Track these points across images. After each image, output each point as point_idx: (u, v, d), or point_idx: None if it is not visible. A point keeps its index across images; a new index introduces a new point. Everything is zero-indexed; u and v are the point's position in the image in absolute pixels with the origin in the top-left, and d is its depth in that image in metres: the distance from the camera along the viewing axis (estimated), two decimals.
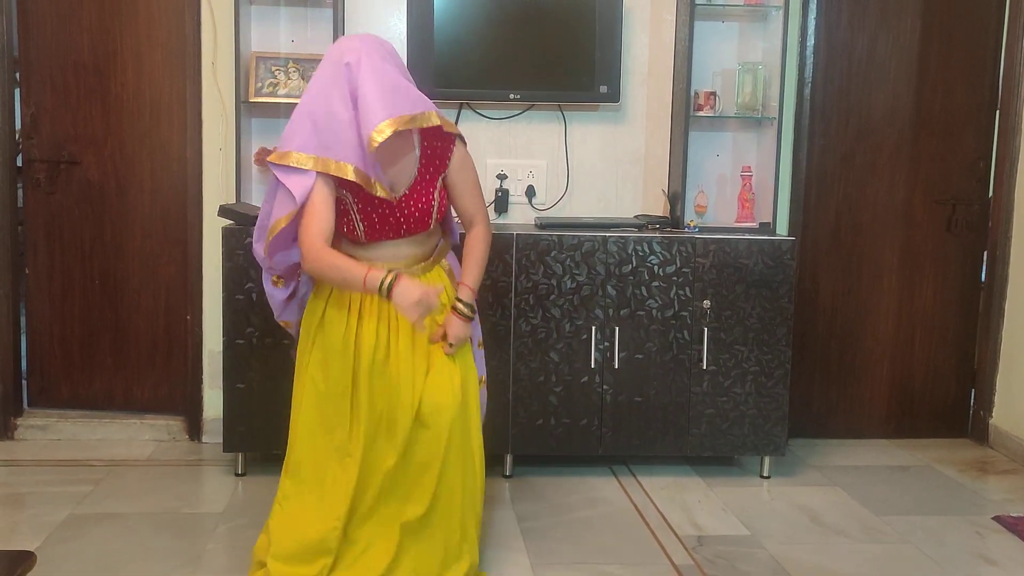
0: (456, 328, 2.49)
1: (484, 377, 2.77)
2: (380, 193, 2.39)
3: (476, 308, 2.57)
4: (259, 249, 2.55)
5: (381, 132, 2.28)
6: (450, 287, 2.57)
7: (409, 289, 2.29)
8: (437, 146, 2.50)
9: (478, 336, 2.74)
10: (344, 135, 2.35)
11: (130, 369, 3.87)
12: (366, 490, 2.46)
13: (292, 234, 2.47)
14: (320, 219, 2.38)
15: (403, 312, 2.30)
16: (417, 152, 2.48)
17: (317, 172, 2.36)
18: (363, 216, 2.44)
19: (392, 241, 2.49)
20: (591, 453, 3.47)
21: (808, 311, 3.96)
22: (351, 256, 2.47)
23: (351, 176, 2.34)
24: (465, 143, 2.57)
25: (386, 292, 2.29)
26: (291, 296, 2.67)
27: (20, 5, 3.71)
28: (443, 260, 2.63)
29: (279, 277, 2.62)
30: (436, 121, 2.40)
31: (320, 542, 2.46)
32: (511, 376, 3.38)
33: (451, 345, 2.48)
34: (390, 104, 2.32)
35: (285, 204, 2.40)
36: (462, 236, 2.69)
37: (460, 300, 2.52)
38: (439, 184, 2.50)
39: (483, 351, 2.80)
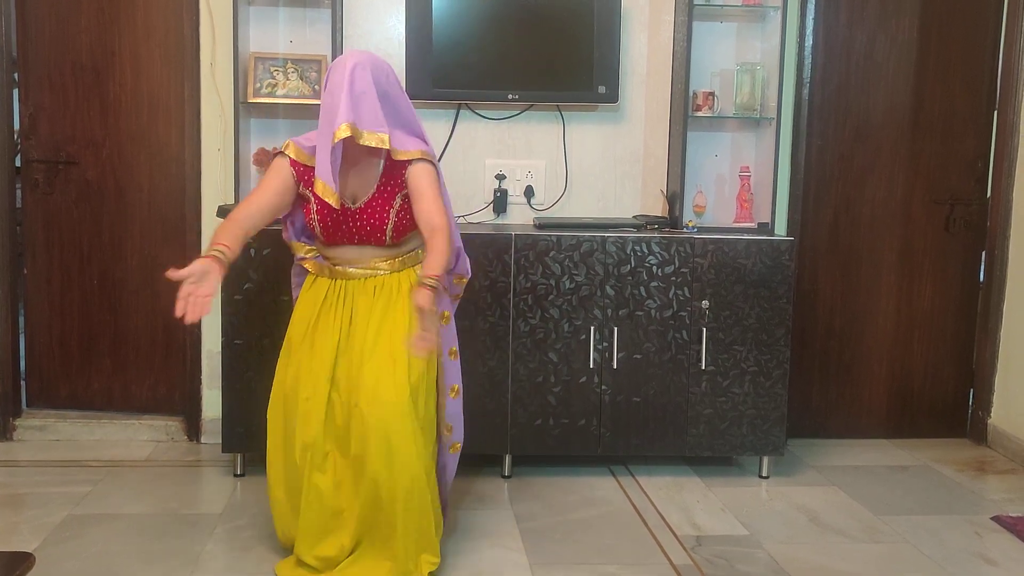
0: (418, 297, 2.42)
1: (458, 387, 2.79)
2: (330, 200, 2.50)
3: (440, 284, 2.49)
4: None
5: (341, 131, 2.44)
6: (400, 295, 2.66)
7: (192, 267, 2.42)
8: (398, 163, 2.61)
9: (449, 345, 2.76)
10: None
11: (129, 369, 3.87)
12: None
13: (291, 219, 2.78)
14: (252, 197, 2.62)
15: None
16: (380, 169, 2.61)
17: (290, 159, 2.62)
18: (320, 218, 2.61)
19: (352, 246, 2.65)
20: (590, 453, 3.47)
21: (807, 311, 3.96)
22: (324, 255, 2.72)
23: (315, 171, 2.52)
24: (434, 164, 2.63)
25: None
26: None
27: (19, 6, 3.71)
28: (414, 268, 2.70)
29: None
30: (385, 145, 2.51)
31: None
32: (510, 376, 3.37)
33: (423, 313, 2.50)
34: (354, 111, 2.46)
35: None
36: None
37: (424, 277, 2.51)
38: (397, 202, 2.61)
39: (457, 361, 2.79)
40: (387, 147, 2.52)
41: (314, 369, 2.62)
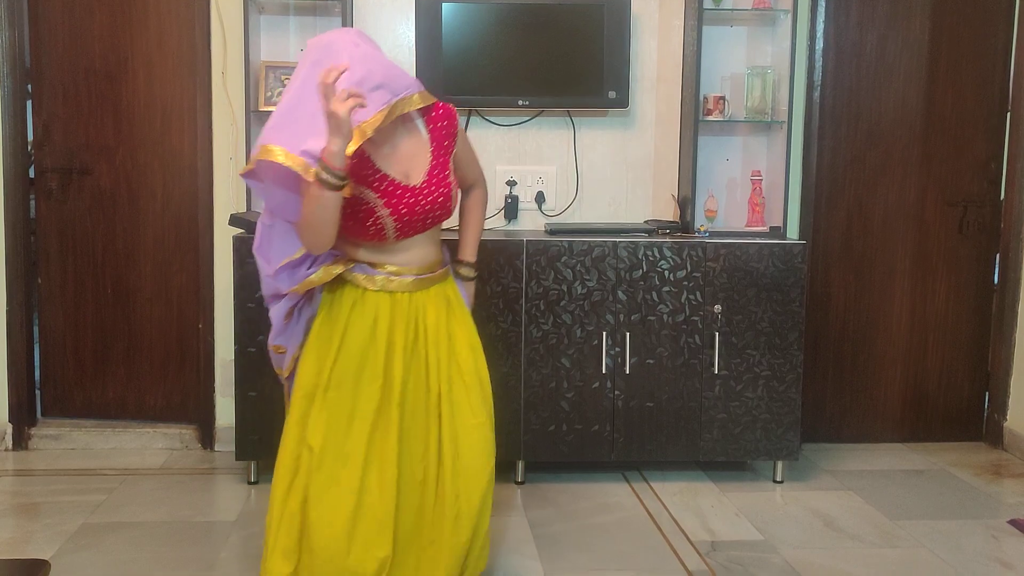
0: (469, 296, 2.53)
1: None
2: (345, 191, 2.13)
3: (476, 269, 2.56)
4: (265, 265, 2.37)
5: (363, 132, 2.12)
6: (450, 305, 2.41)
7: (332, 138, 2.01)
8: (442, 125, 2.33)
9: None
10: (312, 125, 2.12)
11: (143, 378, 3.89)
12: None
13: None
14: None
15: (334, 131, 2.01)
16: (426, 136, 2.32)
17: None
18: (392, 211, 2.23)
19: (417, 238, 2.32)
20: (603, 459, 3.46)
21: (820, 315, 3.94)
22: (375, 263, 2.32)
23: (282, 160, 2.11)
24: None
25: (324, 169, 2.03)
26: (289, 314, 2.43)
27: (32, 16, 3.74)
28: (449, 274, 2.46)
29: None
30: (416, 104, 2.22)
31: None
32: (522, 382, 3.37)
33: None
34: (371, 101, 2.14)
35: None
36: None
37: (462, 267, 2.52)
38: (451, 165, 2.34)
39: None
40: (425, 103, 2.24)
41: (380, 423, 2.28)
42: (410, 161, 2.29)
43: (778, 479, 3.55)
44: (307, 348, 2.37)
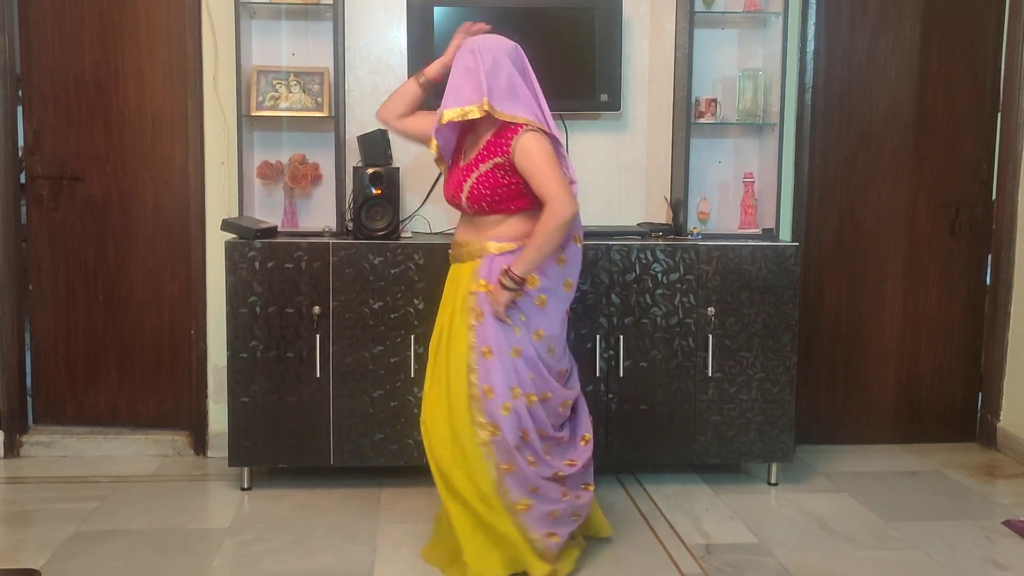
0: (495, 294, 2.66)
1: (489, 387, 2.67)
2: (431, 150, 2.80)
3: (518, 282, 2.62)
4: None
5: (441, 118, 2.69)
6: (465, 288, 2.72)
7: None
8: (500, 139, 2.68)
9: (483, 345, 2.66)
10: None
11: (135, 385, 3.87)
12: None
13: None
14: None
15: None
16: (487, 138, 2.72)
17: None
18: (444, 183, 2.85)
19: (464, 216, 2.82)
20: (597, 461, 3.43)
21: (813, 317, 3.94)
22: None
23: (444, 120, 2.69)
24: (541, 132, 2.66)
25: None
26: None
27: (22, 22, 3.73)
28: (479, 260, 2.71)
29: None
30: (454, 117, 2.67)
31: None
32: None
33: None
34: (456, 96, 2.67)
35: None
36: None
37: (503, 273, 2.67)
38: (485, 167, 2.67)
39: (493, 360, 2.66)
40: (459, 118, 2.66)
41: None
42: (471, 150, 2.76)
43: (772, 481, 3.55)
44: None
